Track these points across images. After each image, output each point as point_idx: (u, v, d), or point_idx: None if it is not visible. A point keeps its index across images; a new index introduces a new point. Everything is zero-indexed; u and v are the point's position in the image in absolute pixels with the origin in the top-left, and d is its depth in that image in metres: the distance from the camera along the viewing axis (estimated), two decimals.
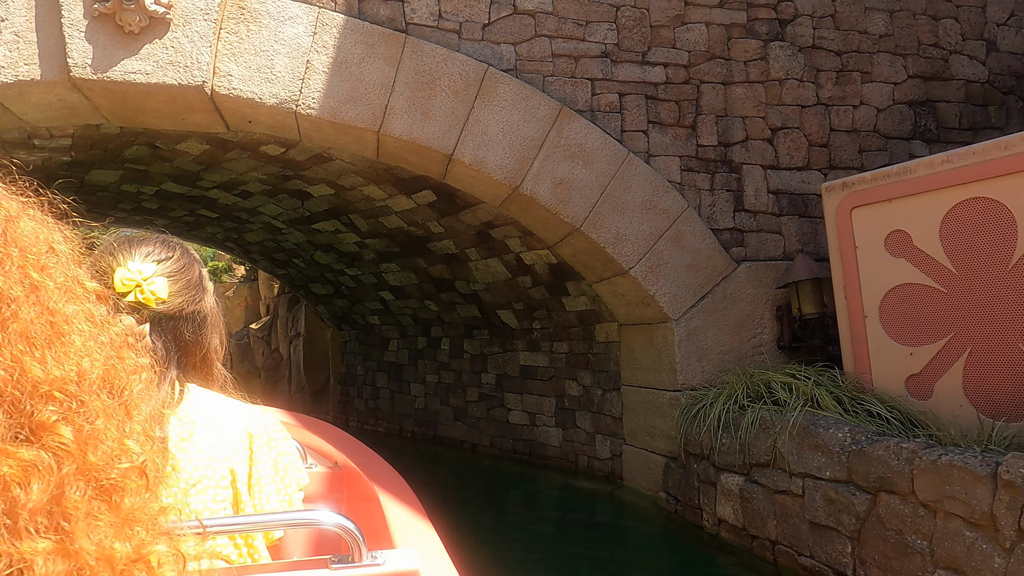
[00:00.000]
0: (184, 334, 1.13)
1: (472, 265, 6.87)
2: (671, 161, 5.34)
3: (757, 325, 5.26)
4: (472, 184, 5.19)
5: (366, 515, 1.78)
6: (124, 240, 1.15)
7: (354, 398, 10.35)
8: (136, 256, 1.11)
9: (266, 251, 9.55)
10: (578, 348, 6.41)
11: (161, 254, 1.14)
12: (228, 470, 1.10)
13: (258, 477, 1.12)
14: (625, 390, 5.76)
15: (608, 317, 5.97)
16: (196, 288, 1.17)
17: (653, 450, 5.32)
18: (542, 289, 6.45)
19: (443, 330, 8.39)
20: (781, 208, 5.54)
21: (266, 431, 1.17)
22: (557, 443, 6.65)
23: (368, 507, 1.84)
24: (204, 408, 1.12)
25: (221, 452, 1.09)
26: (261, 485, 1.12)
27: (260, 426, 1.16)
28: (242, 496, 1.10)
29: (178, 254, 1.17)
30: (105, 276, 1.06)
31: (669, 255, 5.17)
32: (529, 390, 7.03)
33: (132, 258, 1.11)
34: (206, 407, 1.13)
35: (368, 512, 1.79)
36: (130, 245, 1.13)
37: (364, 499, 1.94)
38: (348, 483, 2.14)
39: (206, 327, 1.18)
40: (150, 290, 1.08)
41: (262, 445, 1.14)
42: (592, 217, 5.06)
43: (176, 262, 1.15)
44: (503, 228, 5.97)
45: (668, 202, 5.21)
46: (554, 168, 5.01)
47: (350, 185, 6.22)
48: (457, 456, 7.79)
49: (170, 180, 6.86)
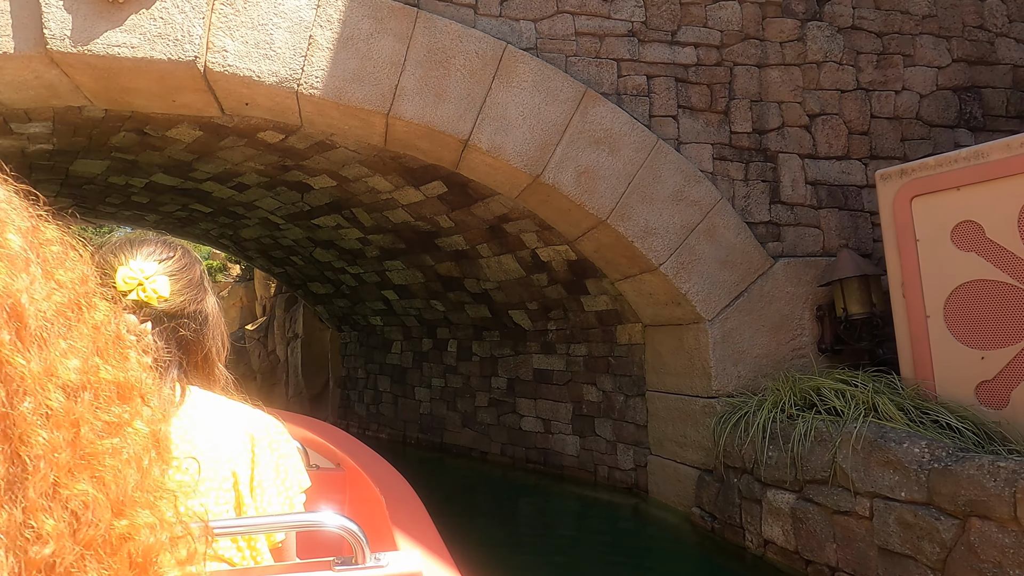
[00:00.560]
0: (186, 333, 1.13)
1: (483, 262, 6.48)
2: (702, 149, 4.97)
3: (796, 326, 4.89)
4: (488, 173, 4.81)
5: (369, 516, 1.78)
6: (126, 240, 1.15)
7: (355, 403, 9.96)
8: (138, 255, 1.12)
9: (263, 248, 9.15)
10: (598, 351, 6.03)
11: (163, 254, 1.15)
12: (230, 472, 1.09)
13: (260, 479, 1.12)
14: (651, 396, 5.38)
15: (631, 318, 5.59)
16: (197, 287, 1.18)
17: (683, 461, 4.94)
18: (559, 288, 6.07)
19: (450, 331, 8.01)
20: (820, 200, 5.18)
21: (268, 433, 1.16)
22: (574, 452, 6.27)
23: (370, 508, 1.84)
24: (206, 409, 1.12)
25: (223, 454, 1.09)
26: (263, 487, 1.12)
27: (262, 428, 1.16)
28: (244, 498, 1.10)
29: (179, 254, 1.18)
30: (107, 275, 1.06)
31: (702, 250, 4.80)
32: (543, 395, 6.65)
33: (134, 257, 1.12)
34: (208, 408, 1.12)
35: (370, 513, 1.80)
36: (132, 245, 1.14)
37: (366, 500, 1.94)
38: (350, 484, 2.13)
39: (207, 327, 1.18)
40: (152, 288, 1.08)
41: (264, 447, 1.14)
42: (619, 209, 4.69)
43: (177, 261, 1.16)
44: (518, 222, 5.59)
45: (700, 193, 4.84)
46: (578, 155, 4.63)
47: (354, 176, 5.83)
48: (465, 465, 7.41)
49: (161, 171, 6.47)
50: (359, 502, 2.04)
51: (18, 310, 0.48)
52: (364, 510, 1.91)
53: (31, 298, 0.50)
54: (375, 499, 1.86)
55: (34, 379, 0.48)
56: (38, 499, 0.46)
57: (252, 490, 1.11)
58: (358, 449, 2.44)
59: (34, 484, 0.46)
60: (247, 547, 1.11)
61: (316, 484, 1.47)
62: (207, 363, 1.19)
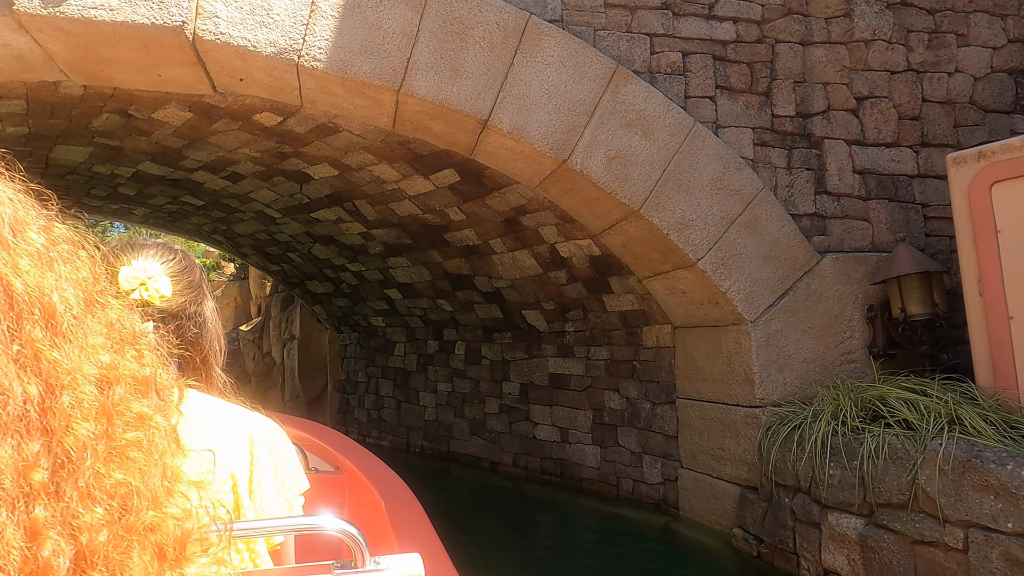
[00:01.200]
0: (186, 334, 1.15)
1: (496, 259, 6.06)
2: (742, 133, 4.56)
3: (846, 328, 4.48)
4: (508, 159, 4.39)
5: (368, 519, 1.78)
6: (126, 242, 1.17)
7: (355, 408, 9.52)
8: (140, 256, 1.14)
9: (258, 244, 8.72)
10: (621, 354, 5.62)
11: (164, 256, 1.17)
12: (229, 475, 1.09)
13: (259, 482, 1.11)
14: (682, 404, 4.96)
15: (659, 319, 5.18)
16: (197, 290, 1.19)
17: (721, 476, 4.52)
18: (579, 286, 5.65)
19: (458, 333, 7.58)
20: (868, 191, 4.77)
21: (267, 435, 1.16)
22: (594, 463, 5.85)
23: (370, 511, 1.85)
24: (204, 411, 1.12)
25: (222, 457, 1.09)
26: (262, 490, 1.11)
27: (260, 430, 1.16)
28: (243, 501, 1.09)
29: (180, 256, 1.20)
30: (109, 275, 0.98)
31: (743, 244, 4.39)
32: (560, 401, 6.23)
33: (136, 257, 1.13)
34: (206, 410, 1.12)
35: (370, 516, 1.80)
36: (133, 247, 1.16)
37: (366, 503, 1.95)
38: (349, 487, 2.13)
39: (206, 330, 1.20)
40: (154, 287, 1.11)
41: (263, 450, 1.14)
42: (653, 198, 4.27)
43: (178, 263, 1.17)
44: (537, 214, 5.17)
45: (741, 181, 4.42)
46: (608, 138, 4.21)
47: (357, 164, 5.41)
48: (474, 476, 6.98)
49: (148, 159, 6.03)
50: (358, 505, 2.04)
51: (49, 307, 0.51)
52: (363, 513, 1.92)
53: (61, 296, 0.53)
54: (374, 502, 1.86)
55: (69, 374, 0.51)
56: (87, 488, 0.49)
57: (251, 492, 1.11)
58: (357, 452, 2.42)
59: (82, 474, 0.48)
60: (246, 549, 1.11)
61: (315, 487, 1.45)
62: (205, 366, 1.20)
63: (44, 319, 0.50)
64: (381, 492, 1.94)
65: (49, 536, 0.45)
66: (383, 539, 1.55)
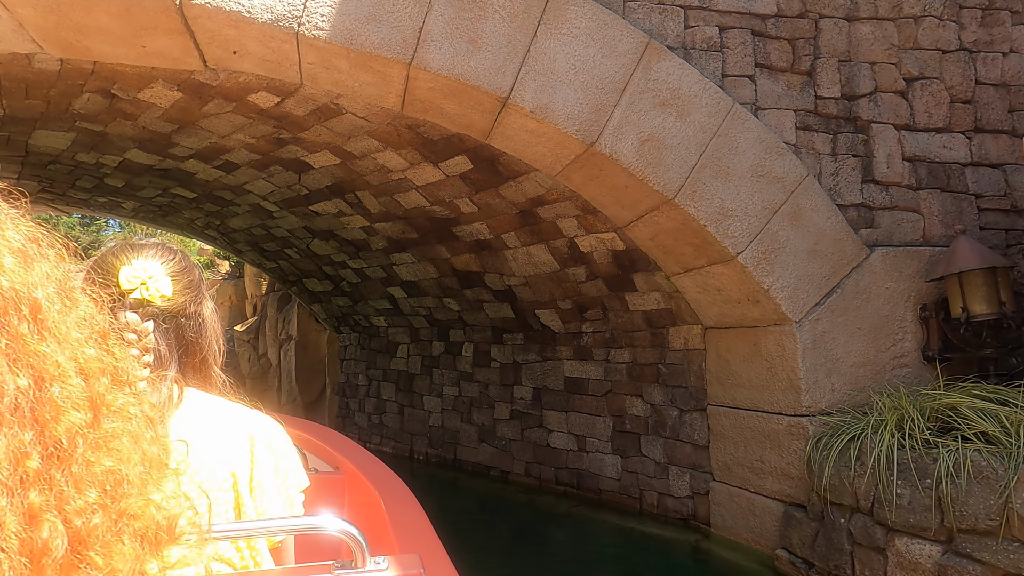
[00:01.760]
0: (186, 334, 1.16)
1: (509, 254, 5.69)
2: (784, 116, 4.19)
3: (897, 329, 4.12)
4: (528, 143, 4.02)
5: (368, 519, 1.80)
6: (126, 243, 1.18)
7: (355, 412, 9.14)
8: (140, 255, 1.15)
9: (253, 240, 8.33)
10: (644, 357, 5.25)
11: (164, 256, 1.17)
12: (229, 473, 1.09)
13: (259, 480, 1.12)
14: (714, 411, 4.59)
15: (688, 319, 4.81)
16: (197, 290, 1.20)
17: (760, 491, 4.15)
18: (599, 283, 5.28)
19: (465, 334, 7.20)
20: (919, 180, 4.41)
21: (267, 434, 1.16)
22: (614, 474, 5.48)
23: (370, 511, 1.84)
24: (204, 410, 1.13)
25: (222, 455, 1.10)
26: (263, 488, 1.12)
27: (261, 429, 1.16)
28: (243, 500, 1.10)
29: (179, 256, 1.20)
30: (109, 275, 1.10)
31: (786, 237, 4.02)
32: (577, 407, 5.86)
33: (137, 257, 1.14)
34: (206, 409, 1.13)
35: (370, 516, 1.82)
36: (133, 247, 1.17)
37: (366, 503, 1.94)
38: (349, 487, 2.13)
39: (205, 330, 1.20)
40: (155, 287, 1.11)
41: (263, 448, 1.14)
42: (689, 185, 3.90)
43: (178, 263, 1.18)
44: (556, 205, 4.80)
45: (783, 168, 4.06)
46: (641, 119, 3.85)
47: (361, 152, 5.03)
48: (483, 486, 6.60)
49: (135, 146, 5.65)
50: (358, 505, 2.05)
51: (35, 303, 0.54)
52: (363, 513, 1.92)
53: (44, 292, 0.55)
54: (374, 502, 1.86)
55: (57, 366, 0.53)
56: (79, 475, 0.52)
57: (251, 491, 1.11)
58: (356, 452, 2.42)
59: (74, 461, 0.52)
60: (247, 548, 1.10)
61: (315, 487, 1.44)
62: (204, 365, 1.20)
63: (31, 314, 0.53)
64: (381, 492, 1.93)
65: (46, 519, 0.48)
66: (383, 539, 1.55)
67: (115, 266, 1.12)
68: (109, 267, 1.12)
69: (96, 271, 1.13)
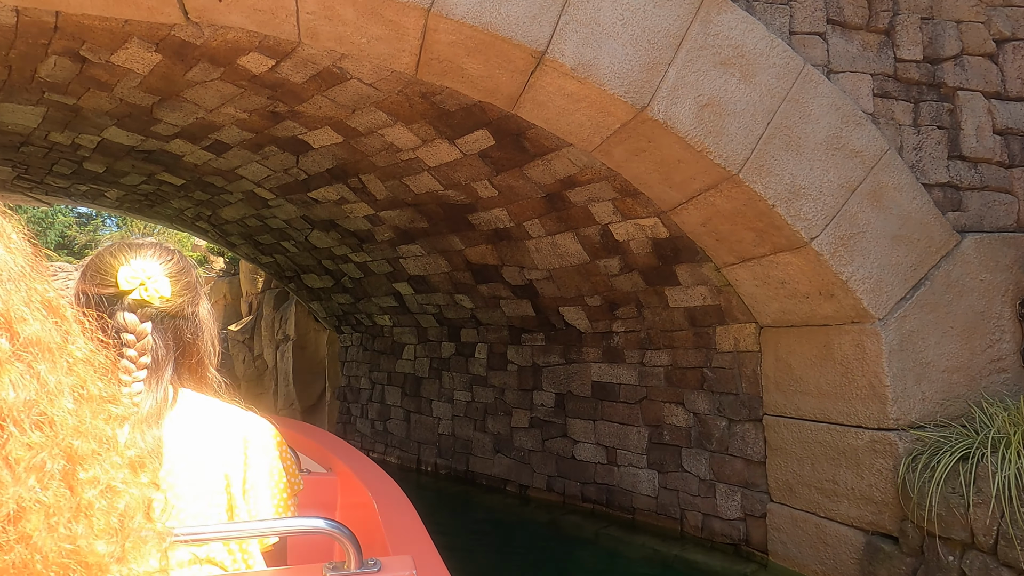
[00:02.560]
0: (183, 335, 1.15)
1: (531, 244, 5.15)
2: (859, 81, 3.65)
3: (993, 328, 3.58)
4: (564, 109, 3.48)
5: (360, 521, 1.78)
6: (125, 243, 1.17)
7: (356, 418, 8.60)
8: (139, 255, 1.14)
9: (248, 232, 7.79)
10: (686, 359, 4.71)
11: (163, 256, 1.17)
12: (223, 475, 1.09)
13: (253, 482, 1.11)
14: (772, 422, 4.05)
15: (740, 316, 4.27)
16: (194, 290, 1.19)
17: (833, 517, 3.61)
18: (635, 277, 4.74)
19: (479, 334, 6.66)
20: (1012, 156, 3.87)
21: (261, 436, 1.16)
22: (650, 491, 4.94)
23: (362, 513, 1.85)
24: (199, 412, 1.12)
25: (216, 456, 1.09)
26: (256, 491, 1.11)
27: (255, 431, 1.16)
28: (236, 501, 1.09)
29: (177, 256, 1.20)
30: (107, 275, 1.10)
31: (866, 220, 3.48)
32: (606, 415, 5.31)
33: (136, 257, 1.13)
34: (201, 411, 1.13)
35: (362, 518, 1.81)
36: (131, 247, 1.16)
37: (358, 505, 1.94)
38: (342, 489, 2.14)
39: (201, 330, 1.19)
40: (154, 287, 1.11)
41: (257, 450, 1.14)
42: (756, 158, 3.36)
43: (176, 264, 1.17)
44: (589, 187, 4.26)
45: (862, 140, 3.52)
46: (699, 80, 3.31)
47: (367, 127, 4.49)
48: (499, 502, 6.05)
49: (113, 123, 5.12)
50: (350, 507, 2.04)
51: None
52: (356, 515, 1.91)
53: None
54: (367, 503, 1.86)
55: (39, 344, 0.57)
56: (9, 454, 0.53)
57: (245, 493, 1.10)
58: (349, 454, 2.40)
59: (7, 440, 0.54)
60: (239, 550, 1.10)
61: (308, 489, 1.38)
62: (200, 367, 1.19)
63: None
64: (373, 493, 1.93)
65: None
66: (375, 541, 1.55)
67: (113, 266, 1.11)
68: (107, 267, 1.11)
69: (93, 270, 1.11)
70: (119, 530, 0.56)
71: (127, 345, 1.05)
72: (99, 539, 0.53)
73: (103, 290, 1.09)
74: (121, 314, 1.07)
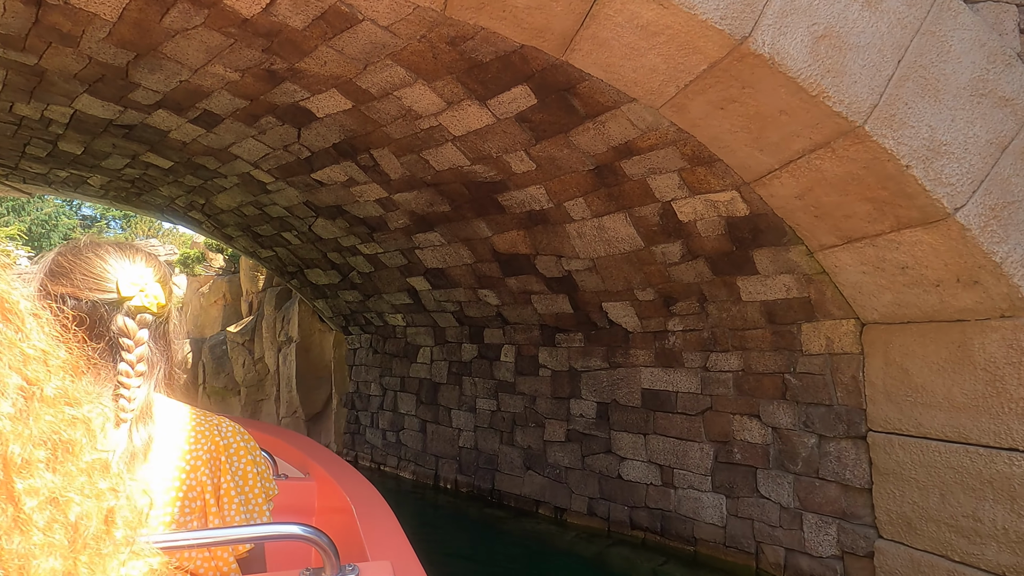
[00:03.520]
0: (169, 338, 1.15)
1: (573, 229, 4.46)
2: (1002, 12, 2.94)
3: None
4: (633, 49, 2.78)
5: (338, 526, 1.78)
6: (112, 244, 1.15)
7: (366, 428, 7.91)
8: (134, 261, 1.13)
9: (245, 222, 7.12)
10: (763, 363, 4.00)
11: (149, 261, 1.15)
12: (196, 481, 1.08)
13: (227, 488, 1.11)
14: (881, 441, 3.34)
15: (836, 311, 3.56)
16: (172, 294, 1.20)
17: (975, 563, 2.90)
18: (699, 265, 4.04)
19: (505, 334, 5.97)
20: None
21: (235, 441, 1.15)
22: (717, 519, 4.23)
23: (341, 518, 1.85)
24: (172, 418, 1.11)
25: (189, 463, 1.09)
26: (230, 496, 1.10)
27: (229, 436, 1.15)
28: (211, 507, 1.09)
29: (160, 262, 1.18)
30: (102, 280, 1.08)
31: (1020, 187, 2.77)
32: (660, 429, 4.61)
33: (133, 262, 1.12)
34: (174, 417, 1.12)
35: (340, 523, 1.81)
36: (122, 251, 1.14)
37: (336, 510, 1.94)
38: (320, 493, 2.11)
39: (177, 336, 1.19)
40: (152, 294, 1.10)
41: (231, 455, 1.13)
42: (885, 105, 2.66)
43: (160, 268, 1.16)
44: (650, 155, 3.57)
45: (1012, 85, 2.81)
46: (812, 4, 2.60)
47: (381, 88, 3.81)
48: (531, 528, 5.35)
49: (85, 90, 4.45)
50: (329, 511, 2.03)
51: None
52: (334, 519, 1.90)
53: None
54: (345, 508, 1.86)
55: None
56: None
57: (219, 499, 1.09)
58: (327, 458, 2.38)
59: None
60: (212, 557, 1.08)
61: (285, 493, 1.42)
62: (172, 372, 1.16)
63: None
64: (352, 498, 1.89)
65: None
66: (354, 546, 1.52)
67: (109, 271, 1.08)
68: (101, 271, 1.08)
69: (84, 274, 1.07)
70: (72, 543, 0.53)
71: (125, 350, 1.04)
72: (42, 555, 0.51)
73: (98, 295, 1.05)
74: (121, 319, 1.05)
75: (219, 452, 1.11)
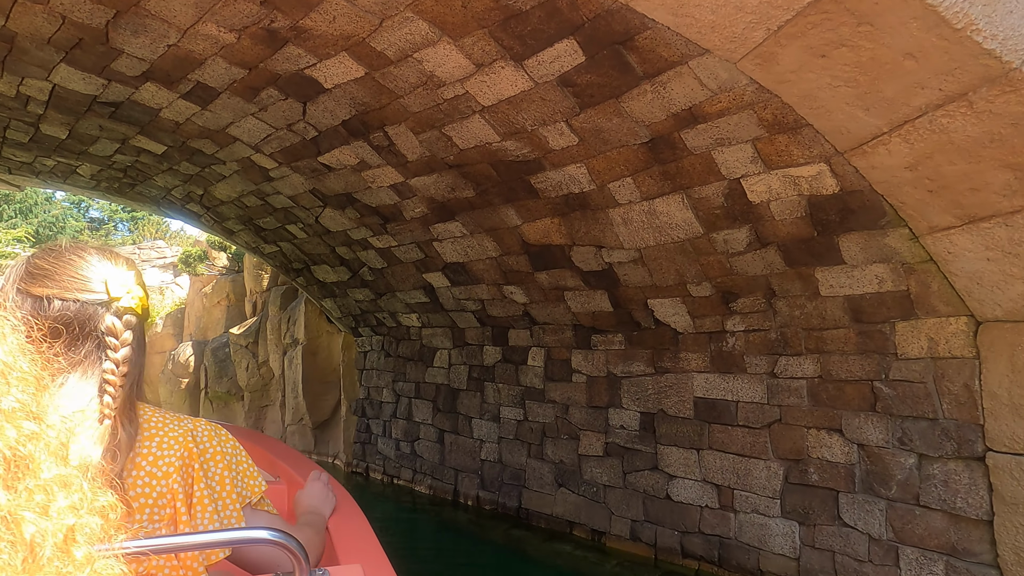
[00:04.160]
0: (143, 342, 1.15)
1: (617, 214, 3.92)
2: None
3: None
4: None
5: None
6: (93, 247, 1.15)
7: (377, 437, 7.39)
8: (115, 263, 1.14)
9: (246, 214, 6.62)
10: (845, 369, 3.45)
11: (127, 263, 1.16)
12: (167, 488, 1.07)
13: (199, 497, 1.10)
14: (1004, 464, 2.79)
15: (942, 307, 3.01)
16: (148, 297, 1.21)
17: None
18: (769, 254, 3.50)
19: (532, 335, 5.44)
20: None
21: (210, 446, 1.14)
22: (788, 550, 3.68)
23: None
24: (144, 423, 1.10)
25: (160, 468, 1.07)
26: (203, 505, 1.10)
27: (204, 441, 1.14)
28: (181, 516, 1.07)
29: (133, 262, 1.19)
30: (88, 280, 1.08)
31: None
32: (717, 444, 4.07)
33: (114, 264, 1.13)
34: (147, 422, 1.11)
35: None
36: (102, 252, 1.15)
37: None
38: (290, 497, 2.12)
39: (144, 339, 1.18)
40: (137, 296, 1.11)
41: (205, 462, 1.12)
42: None
43: (138, 271, 1.18)
44: (719, 122, 3.03)
45: None
46: None
47: (399, 50, 3.29)
48: (564, 553, 4.81)
49: (62, 59, 3.96)
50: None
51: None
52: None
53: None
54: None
55: None
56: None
57: (191, 508, 1.08)
58: (297, 460, 2.40)
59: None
60: (180, 566, 1.07)
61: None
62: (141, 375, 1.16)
63: None
64: None
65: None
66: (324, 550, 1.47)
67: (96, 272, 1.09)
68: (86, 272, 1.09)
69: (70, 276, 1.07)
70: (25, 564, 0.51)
71: (112, 349, 1.04)
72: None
73: (86, 295, 1.05)
74: (110, 318, 1.06)
75: (192, 459, 1.09)
